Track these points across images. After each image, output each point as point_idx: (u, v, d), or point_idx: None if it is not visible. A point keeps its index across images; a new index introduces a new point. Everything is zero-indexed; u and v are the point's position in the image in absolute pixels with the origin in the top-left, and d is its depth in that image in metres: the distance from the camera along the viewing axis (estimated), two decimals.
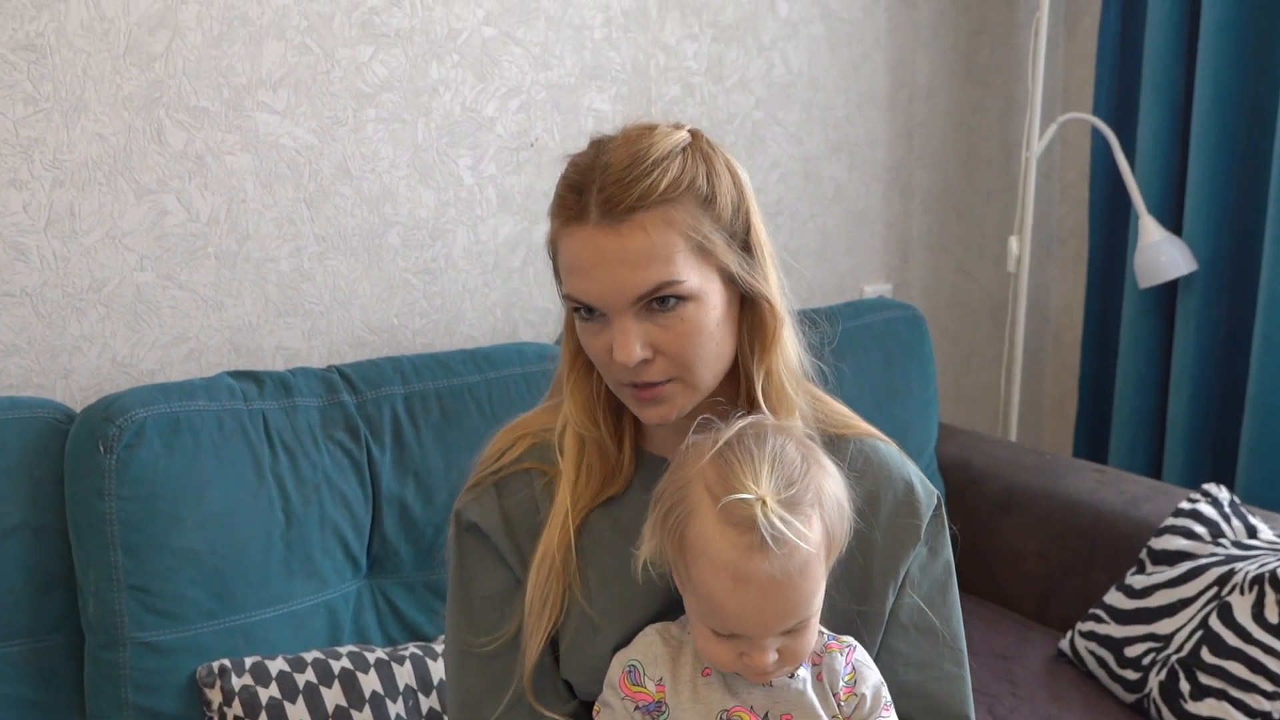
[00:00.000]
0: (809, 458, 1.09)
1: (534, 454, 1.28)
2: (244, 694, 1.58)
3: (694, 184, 1.13)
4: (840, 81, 2.57)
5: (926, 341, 2.41)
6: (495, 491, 1.27)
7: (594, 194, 1.11)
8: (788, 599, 1.05)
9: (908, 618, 1.25)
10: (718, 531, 1.05)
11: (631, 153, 1.12)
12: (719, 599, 1.05)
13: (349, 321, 2.05)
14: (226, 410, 1.69)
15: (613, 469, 1.25)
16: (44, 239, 1.78)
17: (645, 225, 1.10)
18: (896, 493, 1.26)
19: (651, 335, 1.13)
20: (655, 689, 1.13)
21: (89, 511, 1.57)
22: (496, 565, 1.26)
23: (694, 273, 1.12)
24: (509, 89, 2.14)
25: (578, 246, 1.12)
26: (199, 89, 1.85)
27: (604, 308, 1.13)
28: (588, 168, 1.13)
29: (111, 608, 1.58)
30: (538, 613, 1.21)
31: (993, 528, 2.33)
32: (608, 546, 1.22)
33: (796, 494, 1.05)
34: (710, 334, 1.14)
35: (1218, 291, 2.53)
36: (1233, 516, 2.02)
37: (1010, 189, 2.89)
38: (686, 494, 1.08)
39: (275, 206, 1.95)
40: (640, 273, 1.10)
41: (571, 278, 1.14)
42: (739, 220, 1.16)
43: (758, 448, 1.07)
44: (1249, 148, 2.47)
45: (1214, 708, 1.79)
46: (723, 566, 1.04)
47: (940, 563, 1.28)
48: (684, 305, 1.12)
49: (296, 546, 1.70)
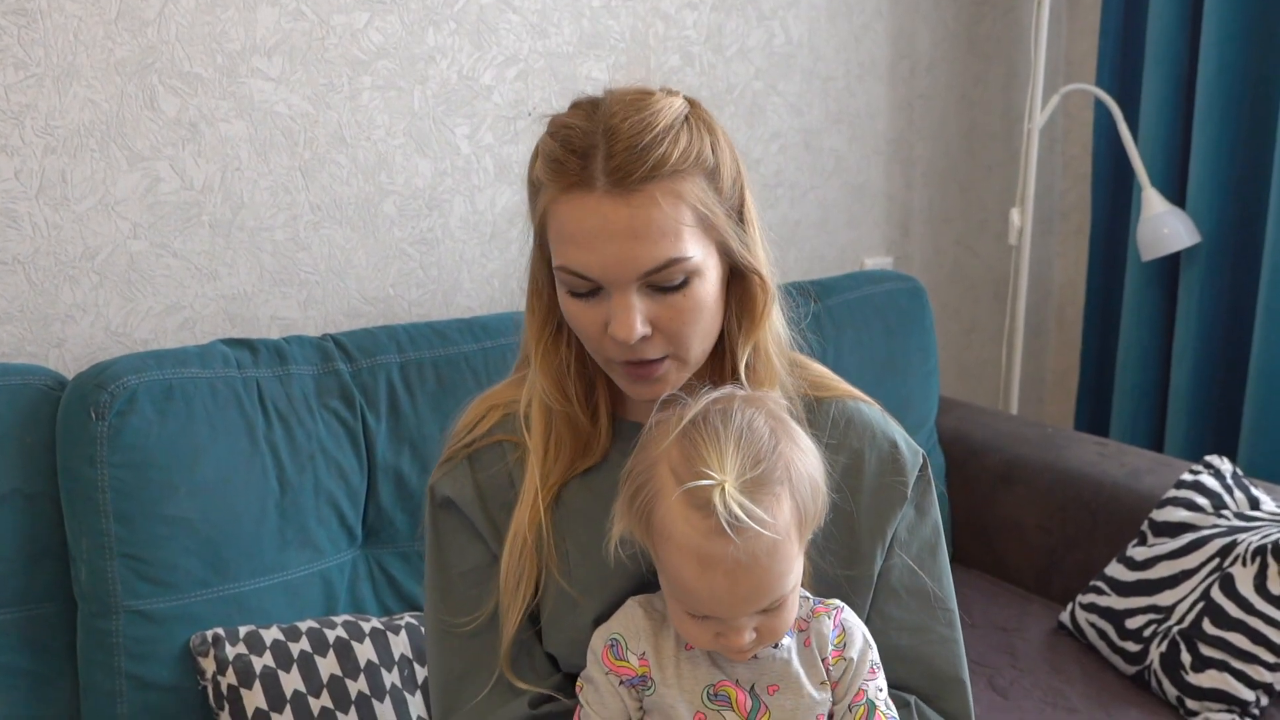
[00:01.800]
0: (778, 432, 1.06)
1: (505, 426, 1.25)
2: (238, 663, 1.57)
3: (701, 155, 1.09)
4: (841, 52, 2.55)
5: (927, 314, 2.39)
6: (468, 465, 1.25)
7: (600, 160, 1.06)
8: (757, 581, 1.02)
9: (898, 581, 1.23)
10: (681, 515, 1.02)
11: (639, 119, 1.07)
12: (687, 582, 1.03)
13: (345, 291, 2.03)
14: (220, 378, 1.67)
15: (586, 441, 1.22)
16: (36, 206, 1.76)
17: (656, 196, 1.06)
18: (881, 452, 1.24)
19: (653, 312, 1.10)
20: (638, 663, 1.11)
21: (81, 479, 1.56)
22: (472, 541, 1.24)
23: (699, 248, 1.09)
24: (506, 57, 2.12)
25: (582, 216, 1.07)
26: (192, 55, 1.83)
27: (606, 282, 1.08)
28: (589, 130, 1.08)
29: (104, 576, 1.56)
30: (512, 591, 1.18)
31: (993, 501, 2.32)
32: (586, 518, 1.19)
33: (764, 472, 1.02)
34: (707, 309, 1.12)
35: (1221, 264, 2.51)
36: (1235, 488, 2.01)
37: (1012, 162, 2.87)
38: (652, 475, 1.05)
39: (270, 175, 1.93)
40: (651, 246, 1.06)
41: (571, 249, 1.09)
42: (736, 193, 1.14)
43: (724, 425, 1.04)
44: (1252, 119, 2.45)
45: (1215, 679, 1.78)
46: (688, 551, 1.02)
47: (928, 523, 1.26)
48: (689, 282, 1.09)
49: (291, 515, 1.69)
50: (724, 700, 1.09)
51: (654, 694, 1.11)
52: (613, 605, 1.17)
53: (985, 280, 2.93)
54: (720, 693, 1.09)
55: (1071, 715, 1.82)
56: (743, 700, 1.09)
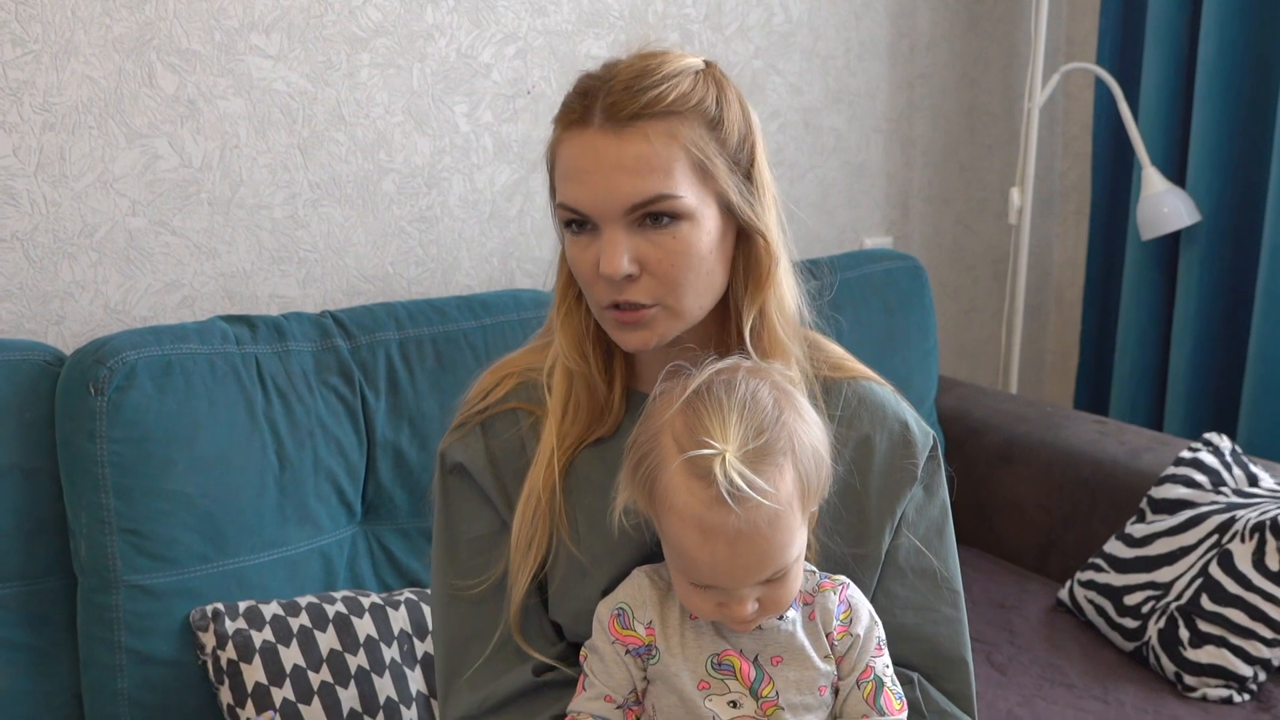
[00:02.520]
0: (783, 402, 1.06)
1: (520, 393, 1.25)
2: (238, 637, 1.57)
3: (702, 103, 1.11)
4: (841, 31, 2.54)
5: (927, 292, 2.39)
6: (481, 431, 1.25)
7: (600, 100, 1.09)
8: (758, 551, 1.02)
9: (905, 560, 1.24)
10: (683, 484, 1.02)
11: (642, 65, 1.11)
12: (689, 551, 1.03)
13: (344, 269, 2.03)
14: (219, 353, 1.67)
15: (601, 408, 1.22)
16: (34, 183, 1.76)
17: (648, 133, 1.08)
18: (892, 433, 1.24)
19: (641, 250, 1.10)
20: (645, 632, 1.12)
21: (80, 454, 1.56)
22: (482, 506, 1.24)
23: (691, 191, 1.10)
24: (505, 35, 2.12)
25: (576, 151, 1.10)
26: (190, 31, 1.83)
27: (595, 215, 1.10)
28: (597, 78, 1.12)
29: (103, 551, 1.57)
30: (523, 553, 1.19)
31: (993, 479, 2.32)
32: (596, 488, 1.20)
33: (766, 443, 1.03)
34: (701, 258, 1.12)
35: (1220, 243, 2.51)
36: (1234, 465, 2.01)
37: (1012, 141, 2.86)
38: (655, 444, 1.06)
39: (269, 152, 1.93)
40: (638, 180, 1.08)
41: (566, 183, 1.12)
42: (744, 151, 1.15)
43: (727, 395, 1.04)
44: (1253, 98, 2.45)
45: (1213, 655, 1.79)
46: (690, 520, 1.02)
47: (937, 504, 1.27)
48: (678, 224, 1.10)
49: (290, 491, 1.69)
50: (728, 670, 1.09)
51: (659, 663, 1.11)
52: (620, 576, 1.17)
53: (985, 259, 2.93)
54: (724, 662, 1.09)
55: (1069, 691, 1.83)
56: (746, 670, 1.09)
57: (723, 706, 1.09)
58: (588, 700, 1.14)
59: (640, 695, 1.14)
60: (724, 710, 1.09)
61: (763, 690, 1.09)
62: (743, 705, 1.09)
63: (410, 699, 1.60)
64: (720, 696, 1.09)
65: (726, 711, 1.09)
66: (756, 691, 1.09)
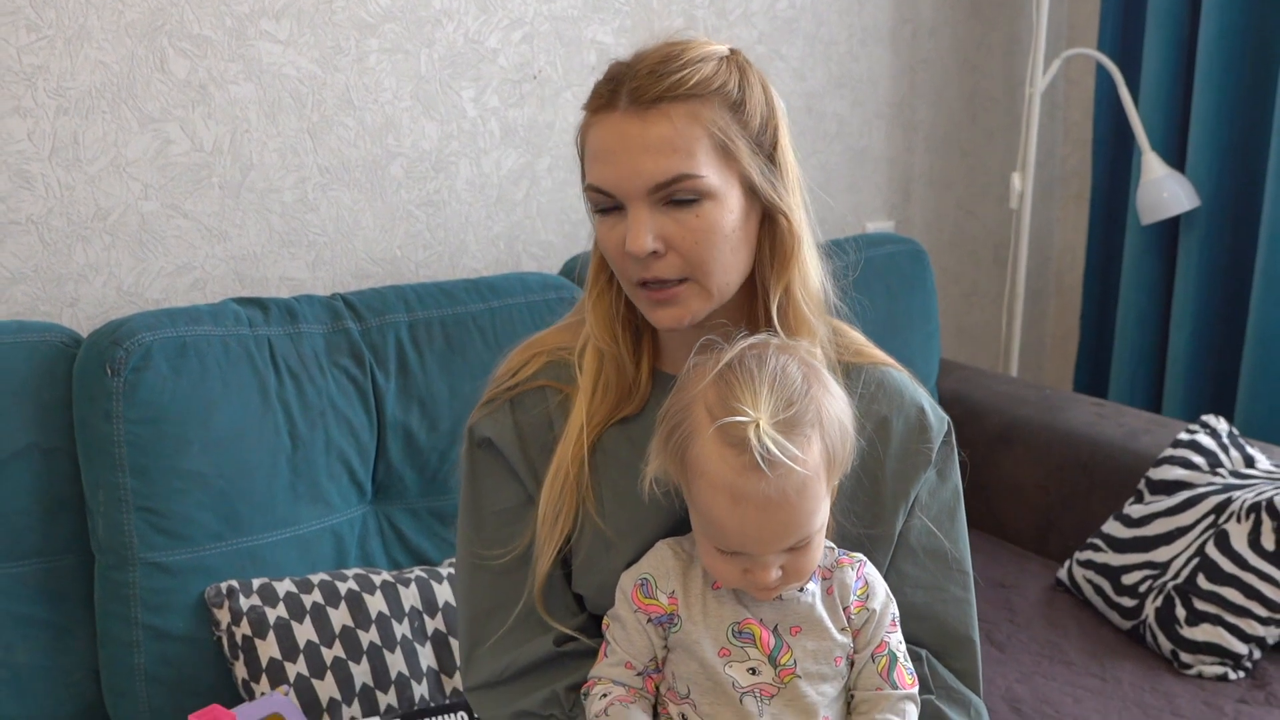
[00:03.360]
0: (810, 377, 1.10)
1: (549, 371, 1.29)
2: (252, 614, 1.60)
3: (724, 86, 1.14)
4: (844, 17, 2.56)
5: (929, 276, 2.41)
6: (509, 407, 1.28)
7: (625, 84, 1.14)
8: (787, 517, 1.06)
9: (917, 541, 1.27)
10: (715, 452, 1.06)
11: (667, 51, 1.15)
12: (719, 517, 1.07)
13: (352, 252, 2.06)
14: (232, 335, 1.70)
15: (629, 387, 1.26)
16: (49, 167, 1.78)
17: (671, 115, 1.12)
18: (908, 418, 1.27)
19: (665, 229, 1.14)
20: (667, 601, 1.15)
21: (97, 433, 1.59)
22: (509, 480, 1.28)
23: (714, 172, 1.14)
24: (512, 20, 2.14)
25: (603, 133, 1.15)
26: (201, 17, 1.85)
27: (621, 195, 1.14)
28: (625, 64, 1.17)
29: (120, 529, 1.60)
30: (550, 525, 1.22)
31: (993, 461, 2.34)
32: (623, 464, 1.23)
33: (796, 414, 1.06)
34: (725, 237, 1.15)
35: (1219, 228, 2.53)
36: (1231, 447, 2.04)
37: (1013, 126, 2.88)
38: (688, 414, 1.10)
39: (279, 137, 1.95)
40: (661, 160, 1.12)
41: (594, 165, 1.16)
42: (767, 134, 1.18)
43: (758, 368, 1.08)
44: (1252, 84, 2.47)
45: (1209, 633, 1.82)
46: (721, 486, 1.06)
47: (949, 487, 1.30)
48: (701, 203, 1.14)
49: (303, 471, 1.72)
50: (748, 637, 1.12)
51: (680, 631, 1.14)
52: (644, 549, 1.21)
53: (986, 244, 2.95)
54: (745, 630, 1.13)
55: (1068, 669, 1.86)
56: (766, 638, 1.12)
57: (741, 673, 1.12)
58: (609, 666, 1.18)
59: (660, 664, 1.17)
60: (742, 676, 1.12)
61: (781, 658, 1.12)
62: (761, 672, 1.12)
63: (421, 674, 1.63)
64: (740, 664, 1.12)
65: (745, 678, 1.12)
66: (775, 659, 1.12)
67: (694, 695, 1.14)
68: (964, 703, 1.26)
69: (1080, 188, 2.96)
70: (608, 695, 1.16)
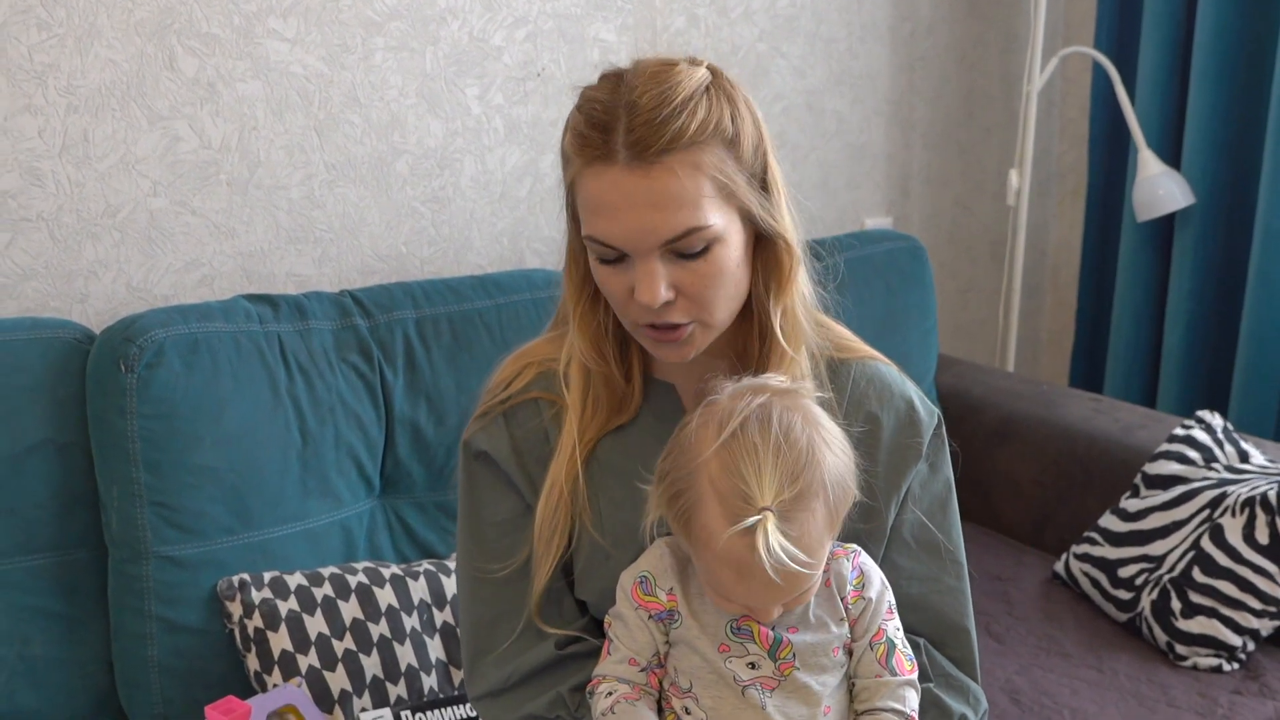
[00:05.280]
0: (814, 437, 1.10)
1: (540, 383, 1.29)
2: (264, 606, 1.62)
3: (720, 125, 1.12)
4: (843, 14, 2.58)
5: (927, 273, 2.43)
6: (504, 420, 1.29)
7: (621, 134, 1.10)
8: (791, 586, 1.08)
9: (910, 533, 1.29)
10: (722, 530, 1.06)
11: (659, 93, 1.10)
12: (724, 585, 1.10)
13: (358, 249, 2.08)
14: (243, 332, 1.72)
15: (620, 399, 1.26)
16: (59, 164, 1.80)
17: (674, 168, 1.09)
18: (898, 412, 1.29)
19: (675, 277, 1.13)
20: (666, 598, 1.17)
21: (111, 429, 1.61)
22: (507, 492, 1.29)
23: (718, 215, 1.13)
24: (516, 18, 2.16)
25: (604, 188, 1.11)
26: (210, 16, 1.87)
27: (629, 250, 1.13)
28: (611, 105, 1.12)
29: (134, 523, 1.62)
30: (546, 541, 1.24)
31: (990, 456, 2.37)
32: (618, 473, 1.25)
33: (800, 490, 1.07)
34: (731, 274, 1.16)
35: (1215, 225, 2.56)
36: (1225, 442, 2.07)
37: (1011, 124, 2.91)
38: (691, 484, 1.10)
39: (286, 134, 1.97)
40: (670, 216, 1.10)
41: (596, 219, 1.13)
42: (758, 160, 1.17)
43: (762, 438, 1.07)
44: (1248, 82, 2.49)
45: (1204, 625, 1.85)
46: (727, 563, 1.07)
47: (941, 479, 1.32)
48: (711, 249, 1.13)
49: (312, 466, 1.74)
50: (747, 634, 1.15)
51: (681, 626, 1.17)
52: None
53: (983, 240, 2.97)
54: (743, 627, 1.15)
55: (1065, 661, 1.88)
56: (765, 634, 1.15)
57: (742, 667, 1.15)
58: (613, 664, 1.20)
59: (663, 658, 1.20)
60: (743, 670, 1.15)
61: (780, 653, 1.15)
62: (761, 666, 1.15)
63: (430, 666, 1.66)
64: (740, 659, 1.15)
65: (746, 672, 1.15)
66: (774, 654, 1.15)
67: (696, 689, 1.17)
68: (962, 690, 1.28)
69: (1077, 185, 2.99)
70: (613, 693, 1.18)
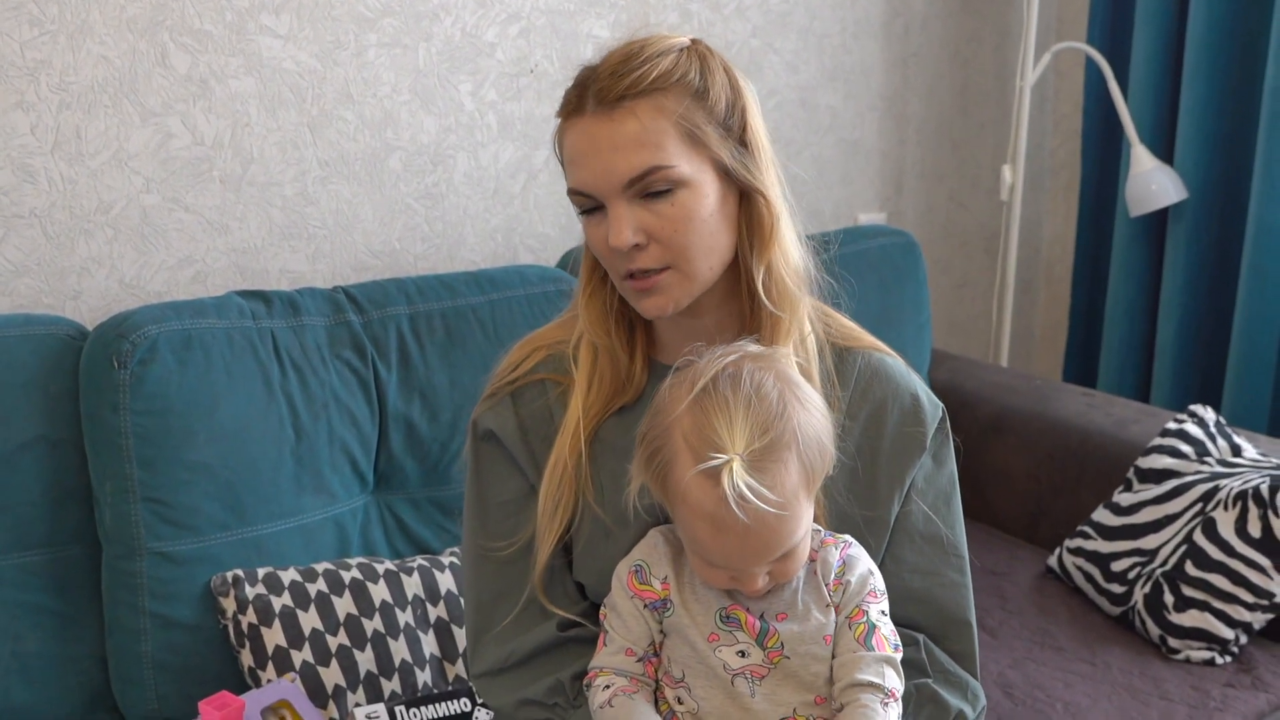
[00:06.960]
0: (786, 395, 1.11)
1: (548, 365, 1.32)
2: (258, 602, 1.62)
3: (685, 76, 1.17)
4: (836, 10, 2.58)
5: (921, 267, 2.44)
6: (511, 401, 1.31)
7: (591, 87, 1.17)
8: (768, 539, 1.09)
9: (914, 526, 1.29)
10: (694, 483, 1.08)
11: (627, 50, 1.19)
12: (701, 541, 1.10)
13: (352, 245, 2.08)
14: (236, 328, 1.72)
15: (624, 378, 1.29)
16: (51, 161, 1.80)
17: (636, 111, 1.15)
18: (903, 404, 1.30)
19: (644, 221, 1.17)
20: (660, 587, 1.18)
21: (104, 425, 1.61)
22: (512, 472, 1.31)
23: (684, 160, 1.16)
24: (509, 14, 2.16)
25: (575, 137, 1.18)
26: (202, 12, 1.86)
27: (598, 194, 1.17)
28: (589, 68, 1.20)
29: (128, 519, 1.62)
30: (549, 515, 1.25)
31: (984, 450, 2.37)
32: (620, 453, 1.26)
33: (772, 440, 1.07)
34: (704, 222, 1.18)
35: (1207, 219, 2.56)
36: (1218, 436, 2.07)
37: (1004, 119, 2.91)
38: (666, 440, 1.11)
39: (279, 130, 1.97)
40: (631, 156, 1.15)
41: (571, 169, 1.19)
42: (735, 117, 1.20)
43: (733, 392, 1.09)
44: (1240, 77, 2.50)
45: (1196, 618, 1.85)
46: (701, 515, 1.08)
47: (945, 473, 1.33)
48: (676, 192, 1.17)
49: (306, 462, 1.74)
50: (735, 623, 1.15)
51: (673, 615, 1.17)
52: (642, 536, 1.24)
53: (977, 235, 2.98)
54: (732, 615, 1.15)
55: (1059, 654, 1.89)
56: (752, 623, 1.15)
57: (731, 656, 1.15)
58: (609, 656, 1.20)
59: (658, 648, 1.20)
60: (733, 659, 1.15)
61: (768, 641, 1.15)
62: (750, 654, 1.15)
63: (424, 661, 1.66)
64: (729, 647, 1.15)
65: (735, 660, 1.15)
66: (763, 642, 1.15)
67: (688, 678, 1.17)
68: (961, 685, 1.28)
69: (1070, 180, 2.99)
70: (610, 686, 1.19)
